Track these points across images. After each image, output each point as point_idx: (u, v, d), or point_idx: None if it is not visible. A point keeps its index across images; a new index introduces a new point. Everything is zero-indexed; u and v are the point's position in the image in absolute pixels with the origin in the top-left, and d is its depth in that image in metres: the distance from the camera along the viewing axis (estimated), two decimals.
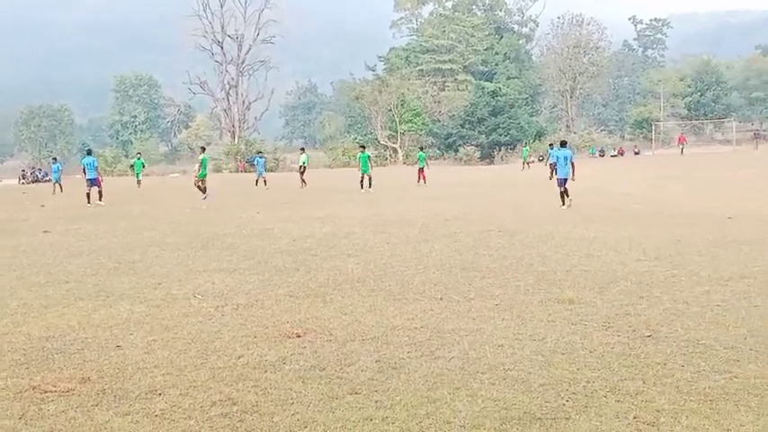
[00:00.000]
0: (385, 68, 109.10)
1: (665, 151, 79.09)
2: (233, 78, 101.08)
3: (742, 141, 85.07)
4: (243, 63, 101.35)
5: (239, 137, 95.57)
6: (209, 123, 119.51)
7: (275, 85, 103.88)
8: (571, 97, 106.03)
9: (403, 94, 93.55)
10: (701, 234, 15.24)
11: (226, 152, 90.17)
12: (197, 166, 30.45)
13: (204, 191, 29.37)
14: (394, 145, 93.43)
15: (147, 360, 6.95)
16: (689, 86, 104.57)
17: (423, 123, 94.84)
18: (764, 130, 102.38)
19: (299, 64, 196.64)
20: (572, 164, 22.46)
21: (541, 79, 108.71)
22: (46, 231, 18.74)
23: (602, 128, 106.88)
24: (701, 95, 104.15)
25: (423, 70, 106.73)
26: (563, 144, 24.41)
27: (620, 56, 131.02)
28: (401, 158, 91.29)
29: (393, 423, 5.25)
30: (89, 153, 30.69)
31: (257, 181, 41.22)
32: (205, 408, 5.63)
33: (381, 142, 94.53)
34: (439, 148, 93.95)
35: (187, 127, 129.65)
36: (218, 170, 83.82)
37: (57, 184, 39.47)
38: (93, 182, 28.66)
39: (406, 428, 5.15)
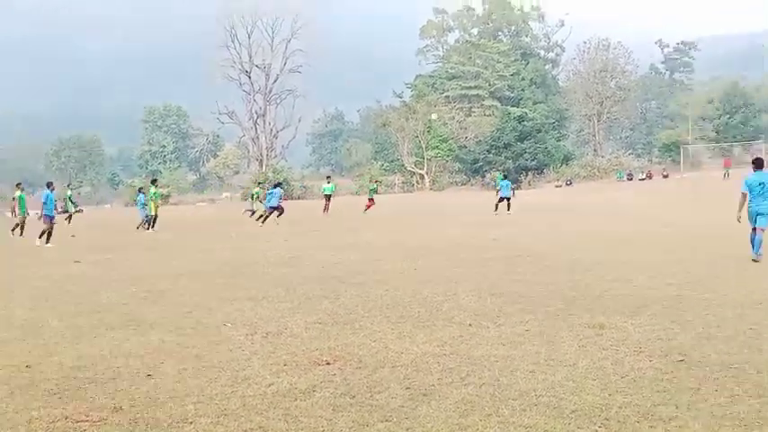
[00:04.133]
0: (411, 95, 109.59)
1: (693, 174, 78.45)
2: (261, 107, 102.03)
3: None
4: (270, 92, 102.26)
5: (267, 165, 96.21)
6: (237, 152, 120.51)
7: (302, 113, 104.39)
8: (598, 121, 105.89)
9: (429, 120, 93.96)
10: (733, 257, 15.11)
11: (254, 181, 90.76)
12: (15, 204, 30.23)
13: (22, 228, 29.08)
14: (420, 171, 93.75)
15: (178, 389, 6.96)
16: (717, 109, 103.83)
17: (449, 149, 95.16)
18: None
19: (325, 92, 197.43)
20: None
21: (568, 104, 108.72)
22: (77, 261, 18.90)
23: (630, 151, 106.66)
24: (729, 118, 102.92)
25: (449, 96, 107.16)
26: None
27: (648, 79, 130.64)
28: (427, 184, 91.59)
29: None
30: (48, 186, 26.01)
31: (262, 216, 33.42)
32: None
33: (408, 168, 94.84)
34: (465, 174, 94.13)
35: (215, 156, 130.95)
36: (245, 199, 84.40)
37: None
38: (51, 218, 25.26)
39: None
